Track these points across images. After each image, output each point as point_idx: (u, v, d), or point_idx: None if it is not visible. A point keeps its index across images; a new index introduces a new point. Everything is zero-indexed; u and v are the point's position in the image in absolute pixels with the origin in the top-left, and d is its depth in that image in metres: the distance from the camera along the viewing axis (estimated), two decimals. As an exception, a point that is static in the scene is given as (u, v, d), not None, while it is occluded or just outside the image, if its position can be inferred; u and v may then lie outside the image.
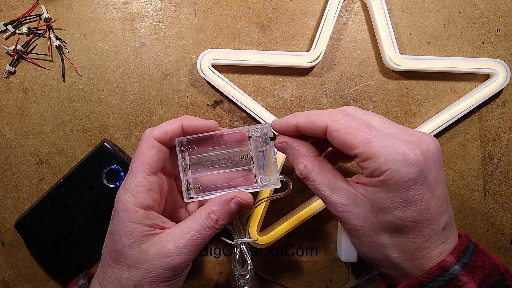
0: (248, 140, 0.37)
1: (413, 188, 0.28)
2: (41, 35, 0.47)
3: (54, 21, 0.47)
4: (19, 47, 0.46)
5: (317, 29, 0.46)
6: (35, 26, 0.47)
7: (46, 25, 0.47)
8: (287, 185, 0.39)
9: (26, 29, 0.46)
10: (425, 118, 0.48)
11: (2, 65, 0.47)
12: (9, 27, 0.46)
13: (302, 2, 0.48)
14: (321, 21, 0.45)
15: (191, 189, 0.37)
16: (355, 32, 0.48)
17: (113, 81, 0.47)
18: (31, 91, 0.47)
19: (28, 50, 0.47)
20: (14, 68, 0.47)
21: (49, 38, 0.47)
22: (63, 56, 0.47)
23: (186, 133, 0.37)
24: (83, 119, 0.47)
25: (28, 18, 0.47)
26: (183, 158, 0.37)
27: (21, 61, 0.47)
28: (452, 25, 0.48)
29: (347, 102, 0.47)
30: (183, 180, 0.37)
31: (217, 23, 0.47)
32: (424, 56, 0.47)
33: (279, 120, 0.35)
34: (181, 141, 0.37)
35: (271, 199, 0.44)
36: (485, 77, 0.48)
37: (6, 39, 0.47)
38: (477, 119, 0.48)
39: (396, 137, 0.30)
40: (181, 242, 0.33)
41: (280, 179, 0.37)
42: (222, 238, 0.40)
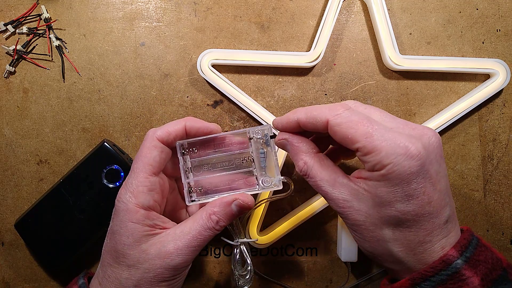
0: (249, 142, 0.37)
1: (414, 182, 0.28)
2: (41, 35, 0.47)
3: (54, 21, 0.47)
4: (19, 47, 0.46)
5: (317, 29, 0.46)
6: (35, 26, 0.47)
7: (46, 25, 0.47)
8: (288, 186, 0.39)
9: (26, 29, 0.46)
10: (425, 118, 0.48)
11: (2, 65, 0.47)
12: (9, 27, 0.46)
13: (302, 2, 0.48)
14: (321, 21, 0.45)
15: (192, 191, 0.37)
16: (355, 32, 0.48)
17: (113, 81, 0.47)
18: (31, 91, 0.47)
19: (28, 50, 0.47)
20: (14, 68, 0.47)
21: (49, 38, 0.47)
22: (63, 56, 0.47)
23: (188, 134, 0.37)
24: (83, 119, 0.47)
25: (28, 18, 0.47)
26: (184, 161, 0.37)
27: (21, 61, 0.47)
28: (452, 25, 0.48)
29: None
30: (184, 183, 0.37)
31: (217, 23, 0.47)
32: (424, 56, 0.47)
33: (280, 118, 0.35)
34: (182, 144, 0.37)
35: (272, 200, 0.44)
36: (485, 77, 0.48)
37: (6, 39, 0.47)
38: (477, 119, 0.48)
39: (397, 130, 0.30)
40: (181, 242, 0.33)
41: (282, 181, 0.37)
42: (222, 238, 0.40)
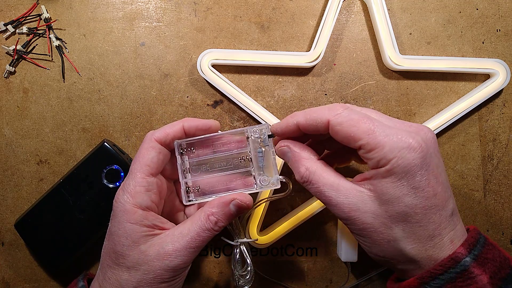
0: (246, 141, 0.37)
1: (419, 174, 0.29)
2: (41, 35, 0.47)
3: (54, 21, 0.47)
4: (19, 47, 0.46)
5: (317, 29, 0.46)
6: (35, 26, 0.47)
7: (46, 25, 0.47)
8: (286, 185, 0.39)
9: (26, 29, 0.46)
10: (425, 118, 0.48)
11: (2, 65, 0.47)
12: (9, 27, 0.46)
13: (302, 2, 0.48)
14: (321, 21, 0.45)
15: (190, 192, 0.37)
16: (355, 32, 0.48)
17: (113, 81, 0.47)
18: (31, 91, 0.47)
19: (28, 50, 0.47)
20: (14, 68, 0.47)
21: (49, 38, 0.47)
22: (63, 56, 0.47)
23: (187, 134, 0.37)
24: (83, 119, 0.47)
25: (28, 18, 0.47)
26: (183, 161, 0.37)
27: (21, 61, 0.47)
28: (452, 25, 0.48)
29: (347, 102, 0.47)
30: (182, 182, 0.37)
31: (217, 23, 0.47)
32: (424, 56, 0.47)
33: (278, 123, 0.35)
34: (180, 144, 0.37)
35: (271, 199, 0.44)
36: (485, 77, 0.48)
37: (6, 39, 0.47)
38: (477, 119, 0.48)
39: (396, 127, 0.30)
40: (180, 243, 0.33)
41: (280, 180, 0.37)
42: (222, 238, 0.40)
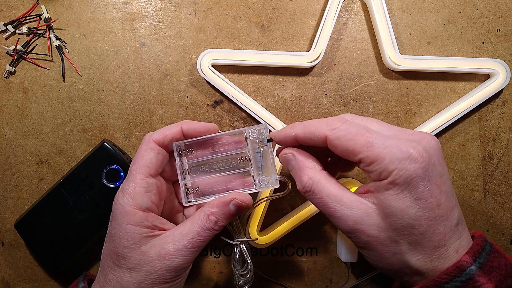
0: (245, 141, 0.37)
1: (421, 185, 0.28)
2: (41, 35, 0.47)
3: (54, 21, 0.47)
4: (19, 47, 0.46)
5: (317, 29, 0.46)
6: (35, 26, 0.47)
7: (46, 25, 0.47)
8: (286, 185, 0.39)
9: (26, 29, 0.46)
10: (425, 118, 0.48)
11: (2, 65, 0.47)
12: (9, 27, 0.46)
13: (302, 2, 0.48)
14: (321, 21, 0.45)
15: (189, 193, 0.37)
16: (355, 32, 0.48)
17: (113, 81, 0.47)
18: (31, 91, 0.47)
19: (28, 50, 0.47)
20: (14, 68, 0.47)
21: (49, 38, 0.47)
22: (63, 56, 0.47)
23: (186, 136, 0.37)
24: (83, 119, 0.47)
25: (28, 18, 0.47)
26: (181, 162, 0.37)
27: (21, 61, 0.47)
28: (452, 25, 0.48)
29: (347, 102, 0.47)
30: (181, 184, 0.37)
31: (217, 23, 0.47)
32: (424, 56, 0.47)
33: (277, 132, 0.35)
34: (178, 145, 0.37)
35: (270, 199, 0.44)
36: (485, 77, 0.48)
37: (6, 39, 0.47)
38: (477, 119, 0.48)
39: (396, 137, 0.30)
40: (180, 243, 0.33)
41: (279, 179, 0.37)
42: (222, 238, 0.40)
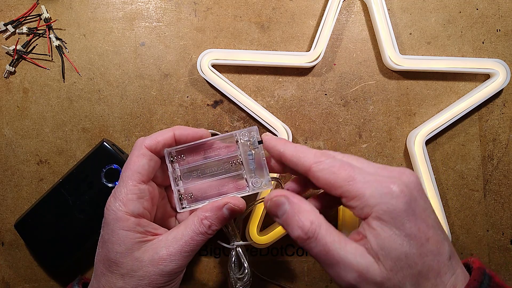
0: (236, 145, 0.37)
1: (407, 220, 0.27)
2: (41, 35, 0.47)
3: (54, 21, 0.47)
4: (19, 47, 0.46)
5: (317, 29, 0.46)
6: (35, 26, 0.47)
7: (46, 25, 0.47)
8: (279, 186, 0.39)
9: (26, 29, 0.46)
10: (425, 118, 0.48)
11: (2, 65, 0.47)
12: (9, 27, 0.46)
13: (302, 2, 0.48)
14: (321, 21, 0.45)
15: (183, 199, 0.37)
16: (355, 32, 0.48)
17: (113, 81, 0.47)
18: (31, 91, 0.47)
19: (28, 50, 0.47)
20: (14, 68, 0.47)
21: (49, 38, 0.47)
22: (63, 56, 0.47)
23: (178, 142, 0.37)
24: (83, 119, 0.47)
25: (28, 18, 0.47)
26: (173, 169, 0.37)
27: (21, 61, 0.47)
28: (452, 25, 0.48)
29: (347, 102, 0.47)
30: (174, 190, 0.37)
31: (217, 23, 0.47)
32: (424, 56, 0.47)
33: (270, 137, 0.35)
34: (170, 152, 0.37)
35: (262, 201, 0.43)
36: (485, 77, 0.48)
37: (6, 39, 0.47)
38: (477, 119, 0.48)
39: (377, 174, 0.30)
40: (174, 248, 0.33)
41: (272, 181, 0.37)
42: (218, 241, 0.40)
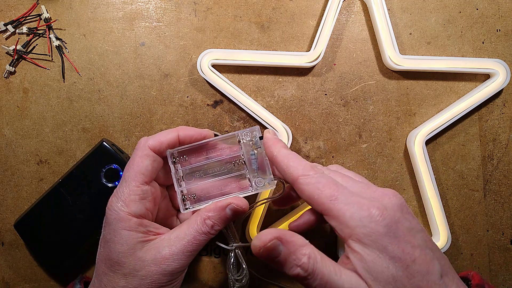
0: (239, 145, 0.37)
1: (389, 243, 0.28)
2: (41, 35, 0.47)
3: (54, 21, 0.47)
4: (19, 47, 0.46)
5: (317, 29, 0.46)
6: (35, 26, 0.47)
7: (46, 25, 0.47)
8: (281, 185, 0.39)
9: (26, 29, 0.46)
10: (425, 118, 0.48)
11: (2, 65, 0.47)
12: (9, 27, 0.46)
13: (302, 2, 0.48)
14: (321, 21, 0.45)
15: (186, 199, 0.37)
16: (355, 32, 0.48)
17: (113, 81, 0.47)
18: (31, 91, 0.47)
19: (28, 50, 0.47)
20: (14, 68, 0.47)
21: (49, 38, 0.47)
22: (63, 56, 0.47)
23: (182, 143, 0.37)
24: (83, 119, 0.47)
25: (28, 18, 0.47)
26: (176, 170, 0.37)
27: (21, 61, 0.47)
28: (452, 25, 0.48)
29: (347, 102, 0.47)
30: (177, 191, 0.37)
31: (217, 23, 0.47)
32: (424, 56, 0.47)
33: (271, 137, 0.36)
34: (172, 153, 0.37)
35: (266, 201, 0.43)
36: (485, 77, 0.48)
37: (6, 39, 0.47)
38: (477, 119, 0.48)
39: (359, 195, 0.30)
40: (176, 247, 0.33)
41: (275, 180, 0.37)
42: (217, 242, 0.40)
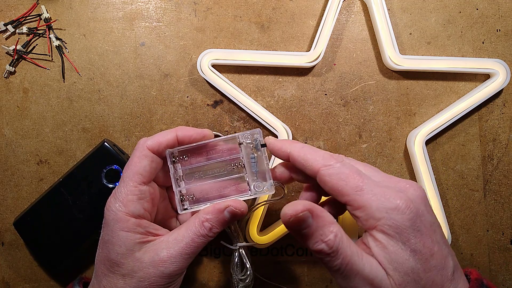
0: (239, 147, 0.37)
1: (413, 236, 0.28)
2: (41, 35, 0.47)
3: (54, 21, 0.47)
4: (19, 47, 0.46)
5: (317, 29, 0.46)
6: (35, 26, 0.47)
7: (46, 25, 0.47)
8: (281, 189, 0.39)
9: (26, 29, 0.46)
10: (425, 118, 0.48)
11: (2, 65, 0.47)
12: (9, 27, 0.46)
13: (302, 2, 0.48)
14: (321, 21, 0.45)
15: (184, 200, 0.37)
16: (355, 32, 0.48)
17: (113, 81, 0.47)
18: (31, 91, 0.47)
19: (28, 50, 0.47)
20: (14, 68, 0.47)
21: (49, 38, 0.47)
22: (63, 56, 0.47)
23: (181, 143, 0.37)
24: (83, 119, 0.47)
25: (28, 18, 0.47)
26: (175, 170, 0.37)
27: (21, 61, 0.47)
28: (452, 25, 0.48)
29: (347, 102, 0.47)
30: (176, 191, 0.36)
31: (217, 23, 0.47)
32: (424, 56, 0.47)
33: (274, 140, 0.35)
34: (172, 152, 0.36)
35: (264, 204, 0.43)
36: (485, 77, 0.48)
37: (6, 39, 0.47)
38: (477, 119, 0.48)
39: (384, 185, 0.30)
40: (174, 250, 0.33)
41: (274, 185, 0.36)
42: (221, 242, 0.40)
